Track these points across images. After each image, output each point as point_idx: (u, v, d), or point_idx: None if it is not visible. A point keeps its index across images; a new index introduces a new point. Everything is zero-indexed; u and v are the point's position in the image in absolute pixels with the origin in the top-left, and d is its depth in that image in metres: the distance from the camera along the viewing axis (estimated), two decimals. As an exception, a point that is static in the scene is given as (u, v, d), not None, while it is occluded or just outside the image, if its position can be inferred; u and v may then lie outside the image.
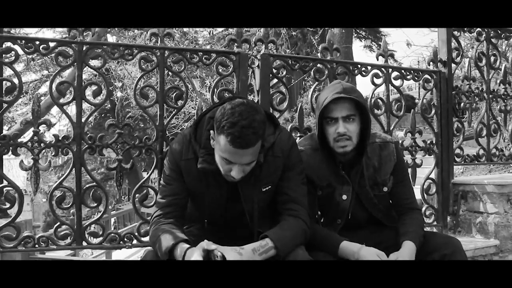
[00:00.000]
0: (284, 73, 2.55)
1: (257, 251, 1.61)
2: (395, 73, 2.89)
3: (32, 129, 2.16)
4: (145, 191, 2.33)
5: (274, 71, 2.51)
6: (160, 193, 1.87)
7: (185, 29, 9.67)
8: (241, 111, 1.58)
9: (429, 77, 3.03)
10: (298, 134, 2.54)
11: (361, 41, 19.79)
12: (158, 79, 2.37)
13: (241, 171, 1.66)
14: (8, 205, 2.12)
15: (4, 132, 2.53)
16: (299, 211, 1.80)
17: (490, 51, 3.34)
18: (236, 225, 1.85)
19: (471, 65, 3.29)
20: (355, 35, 18.51)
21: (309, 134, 2.17)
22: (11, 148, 2.13)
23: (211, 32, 13.16)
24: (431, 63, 3.07)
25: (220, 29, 12.55)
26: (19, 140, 2.16)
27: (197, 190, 1.84)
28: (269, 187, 1.82)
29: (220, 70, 2.45)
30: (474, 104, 3.30)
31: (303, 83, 14.71)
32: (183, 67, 2.38)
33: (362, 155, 1.97)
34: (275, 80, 2.57)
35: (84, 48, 2.20)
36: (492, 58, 3.37)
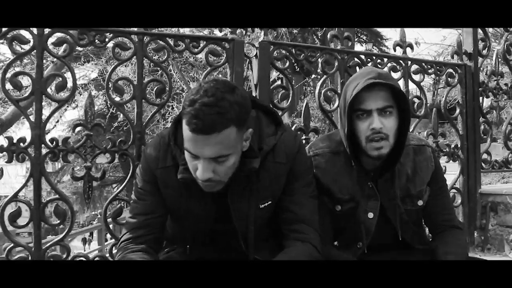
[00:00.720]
0: (287, 64, 2.16)
1: None
2: (414, 67, 2.50)
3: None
4: (119, 205, 1.93)
5: (275, 61, 2.12)
6: (130, 211, 1.47)
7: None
8: (208, 88, 1.19)
9: (453, 72, 2.63)
10: (304, 137, 2.14)
11: (361, 45, 19.43)
12: (136, 71, 1.97)
13: (208, 170, 1.24)
14: None
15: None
16: (309, 233, 1.41)
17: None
18: (227, 250, 1.45)
19: (499, 59, 2.89)
20: (356, 39, 18.15)
21: (326, 134, 1.75)
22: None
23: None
24: (455, 55, 2.68)
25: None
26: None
27: (177, 207, 1.44)
28: (269, 202, 1.42)
29: (211, 60, 2.05)
30: (503, 103, 2.90)
31: (303, 88, 14.32)
32: (166, 56, 1.98)
33: (397, 160, 1.57)
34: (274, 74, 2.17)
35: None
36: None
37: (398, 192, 1.61)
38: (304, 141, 2.09)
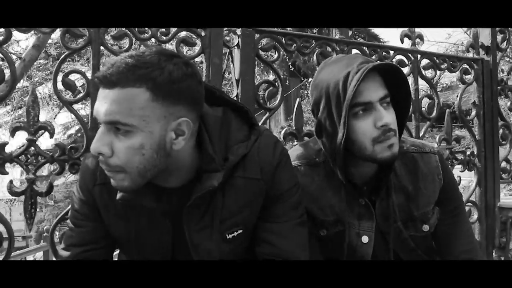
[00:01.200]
0: (276, 56, 1.81)
1: None
2: (425, 61, 2.16)
3: None
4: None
5: (261, 53, 1.77)
6: (64, 240, 1.13)
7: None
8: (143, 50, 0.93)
9: (469, 68, 2.29)
10: (295, 143, 1.79)
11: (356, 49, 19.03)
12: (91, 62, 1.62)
13: (102, 140, 0.91)
14: None
15: None
16: None
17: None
18: None
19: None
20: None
21: (301, 143, 1.39)
22: None
23: None
24: (470, 49, 2.33)
25: None
26: None
27: (124, 236, 1.10)
28: (240, 231, 1.08)
29: (184, 51, 1.71)
30: (523, 104, 2.56)
31: (300, 91, 13.96)
32: (128, 45, 1.64)
33: (390, 170, 1.22)
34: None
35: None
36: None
37: (397, 212, 1.26)
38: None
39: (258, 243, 1.08)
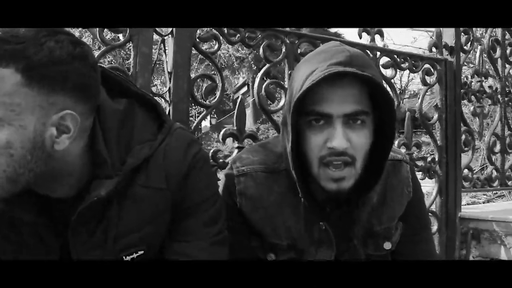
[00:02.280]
0: (216, 47, 1.61)
1: None
2: (385, 59, 1.99)
3: None
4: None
5: (199, 42, 1.56)
6: None
7: None
8: None
9: (431, 68, 2.14)
10: (236, 144, 1.59)
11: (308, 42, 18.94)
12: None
13: None
14: None
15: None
16: None
17: (506, 39, 2.49)
18: None
19: (483, 56, 2.41)
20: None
21: (260, 143, 1.16)
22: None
23: None
24: (433, 48, 2.18)
25: None
26: None
27: (5, 255, 0.87)
28: (139, 252, 0.87)
29: (108, 38, 1.48)
30: (487, 108, 2.44)
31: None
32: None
33: (368, 191, 1.01)
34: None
35: None
36: (509, 49, 2.52)
37: (357, 230, 1.07)
38: (237, 150, 1.54)
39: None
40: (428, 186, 2.26)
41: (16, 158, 0.71)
